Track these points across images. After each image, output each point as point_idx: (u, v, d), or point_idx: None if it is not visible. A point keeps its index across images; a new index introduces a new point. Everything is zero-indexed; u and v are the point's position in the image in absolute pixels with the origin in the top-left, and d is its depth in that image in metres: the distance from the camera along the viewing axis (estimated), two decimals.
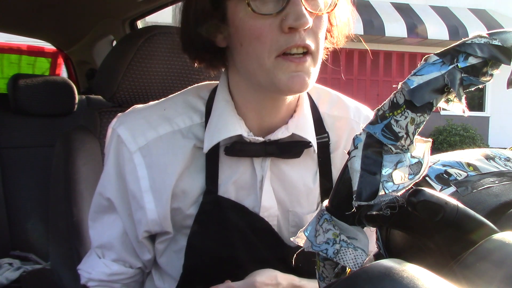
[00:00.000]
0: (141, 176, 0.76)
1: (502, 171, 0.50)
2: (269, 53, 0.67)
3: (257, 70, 0.70)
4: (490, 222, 0.40)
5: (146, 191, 0.76)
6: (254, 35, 0.67)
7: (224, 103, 0.77)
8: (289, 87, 0.68)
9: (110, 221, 0.81)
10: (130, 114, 0.81)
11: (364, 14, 10.67)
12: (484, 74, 0.43)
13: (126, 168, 0.77)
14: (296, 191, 0.81)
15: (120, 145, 0.78)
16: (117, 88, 1.19)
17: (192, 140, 0.78)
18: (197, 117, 0.79)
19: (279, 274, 0.75)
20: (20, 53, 2.87)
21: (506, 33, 0.44)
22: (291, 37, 0.65)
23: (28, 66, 2.89)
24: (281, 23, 0.65)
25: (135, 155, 0.76)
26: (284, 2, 0.65)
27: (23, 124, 1.98)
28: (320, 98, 0.86)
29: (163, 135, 0.77)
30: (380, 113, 0.44)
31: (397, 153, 0.43)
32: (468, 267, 0.36)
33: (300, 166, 0.81)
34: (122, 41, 1.26)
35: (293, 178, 0.80)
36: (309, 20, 0.64)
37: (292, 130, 0.76)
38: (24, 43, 2.90)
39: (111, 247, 0.82)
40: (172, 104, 0.81)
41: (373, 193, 0.41)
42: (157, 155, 0.77)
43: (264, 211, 0.79)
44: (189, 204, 0.78)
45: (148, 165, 0.76)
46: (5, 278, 1.69)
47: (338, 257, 0.44)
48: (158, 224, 0.77)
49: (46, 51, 2.87)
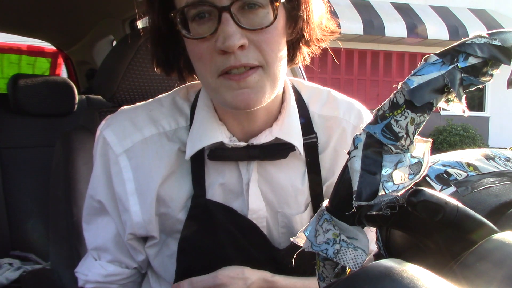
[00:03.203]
0: (126, 178, 0.76)
1: (502, 171, 0.50)
2: (211, 74, 0.67)
3: (207, 89, 0.72)
4: (490, 222, 0.40)
5: (132, 194, 0.76)
6: (196, 57, 0.68)
7: (206, 109, 0.76)
8: (235, 105, 0.67)
9: (103, 223, 0.81)
10: (117, 116, 0.81)
11: (364, 14, 10.68)
12: (484, 74, 0.43)
13: (112, 170, 0.77)
14: (284, 192, 0.80)
15: (106, 147, 0.78)
16: (117, 88, 1.19)
17: (177, 143, 0.77)
18: (183, 120, 0.79)
19: (247, 269, 0.75)
20: (20, 53, 2.87)
21: (506, 33, 0.44)
22: (226, 59, 0.64)
23: (28, 66, 2.89)
24: (215, 45, 0.64)
25: (121, 158, 0.76)
26: (216, 23, 0.63)
27: (23, 124, 1.98)
28: (311, 98, 0.85)
29: (148, 137, 0.77)
30: (380, 113, 0.44)
31: (397, 153, 0.43)
32: (468, 267, 0.36)
33: (288, 167, 0.80)
34: (122, 41, 1.26)
35: (280, 180, 0.80)
36: (238, 41, 0.62)
37: (276, 134, 0.76)
38: (24, 43, 2.90)
39: (106, 249, 0.82)
40: (158, 105, 0.81)
41: (373, 193, 0.41)
42: (142, 157, 0.76)
43: (252, 213, 0.78)
44: (178, 209, 0.77)
45: (134, 167, 0.76)
46: (5, 278, 1.69)
47: (338, 257, 0.44)
48: (142, 227, 0.77)
49: (46, 51, 2.88)
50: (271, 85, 0.68)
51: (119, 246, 0.81)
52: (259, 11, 0.63)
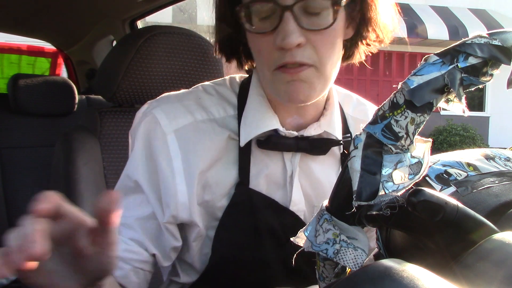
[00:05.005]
0: (174, 156, 0.77)
1: (502, 171, 0.50)
2: (268, 67, 0.71)
3: (263, 80, 0.77)
4: (490, 222, 0.40)
5: (179, 173, 0.76)
6: (256, 50, 0.72)
7: (259, 98, 0.79)
8: (288, 98, 0.70)
9: (136, 202, 0.79)
10: (165, 98, 0.82)
11: None
12: (484, 74, 0.43)
13: (159, 148, 0.77)
14: (322, 188, 0.82)
15: (154, 125, 0.77)
16: (117, 88, 1.19)
17: (227, 131, 0.79)
18: (231, 109, 0.81)
19: None
20: (20, 53, 2.87)
21: (506, 33, 0.44)
22: (283, 54, 0.67)
23: (28, 66, 2.89)
24: (274, 41, 0.67)
25: (169, 137, 0.77)
26: (277, 21, 0.66)
27: (23, 124, 1.98)
28: (344, 101, 0.90)
29: (200, 121, 0.79)
30: (380, 113, 0.44)
31: (397, 153, 0.43)
32: (468, 267, 0.36)
33: (325, 164, 0.83)
34: (122, 41, 1.26)
35: (319, 175, 0.82)
36: (296, 39, 0.65)
37: (324, 127, 0.79)
38: (24, 43, 2.90)
39: (131, 227, 0.79)
40: (206, 94, 0.83)
41: (373, 193, 0.41)
42: (192, 139, 0.77)
43: (293, 205, 0.80)
44: (221, 196, 0.78)
45: (182, 147, 0.77)
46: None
47: (338, 257, 0.44)
48: (187, 208, 0.76)
49: (46, 51, 2.87)
50: (322, 83, 0.71)
51: (145, 228, 0.79)
52: (319, 12, 0.67)
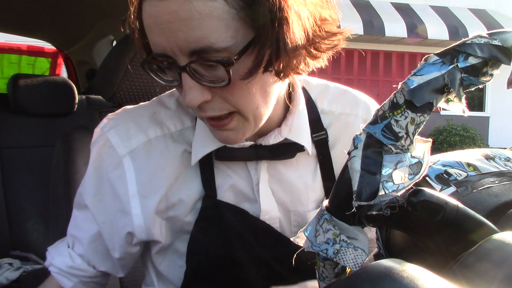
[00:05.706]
0: (129, 180, 0.75)
1: (502, 171, 0.50)
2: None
3: None
4: (490, 222, 0.40)
5: (133, 196, 0.75)
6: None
7: None
8: (221, 140, 0.68)
9: (87, 219, 0.80)
10: (121, 116, 0.79)
11: (364, 14, 10.67)
12: (484, 74, 0.43)
13: (114, 173, 0.75)
14: (296, 191, 0.80)
15: (109, 149, 0.76)
16: (117, 88, 1.19)
17: (183, 145, 0.76)
18: (188, 119, 0.78)
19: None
20: (20, 53, 2.87)
21: (506, 33, 0.44)
22: (195, 109, 0.63)
23: (28, 66, 2.89)
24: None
25: (125, 159, 0.75)
26: (179, 78, 0.60)
27: (23, 124, 1.98)
28: (319, 95, 0.85)
29: (153, 138, 0.76)
30: (380, 113, 0.44)
31: (397, 153, 0.43)
32: (468, 267, 0.36)
33: (298, 165, 0.80)
34: (122, 41, 1.26)
35: (291, 178, 0.79)
36: (196, 100, 0.59)
37: (285, 134, 0.75)
38: (24, 43, 2.90)
39: (81, 242, 0.81)
40: (163, 106, 0.80)
41: (373, 193, 0.41)
42: (146, 159, 0.75)
43: (264, 214, 0.78)
44: (187, 211, 0.76)
45: (137, 169, 0.75)
46: (5, 278, 1.69)
47: (338, 257, 0.44)
48: (143, 231, 0.76)
49: (46, 51, 2.88)
50: (253, 124, 0.66)
51: (94, 246, 0.81)
52: (217, 67, 0.59)
